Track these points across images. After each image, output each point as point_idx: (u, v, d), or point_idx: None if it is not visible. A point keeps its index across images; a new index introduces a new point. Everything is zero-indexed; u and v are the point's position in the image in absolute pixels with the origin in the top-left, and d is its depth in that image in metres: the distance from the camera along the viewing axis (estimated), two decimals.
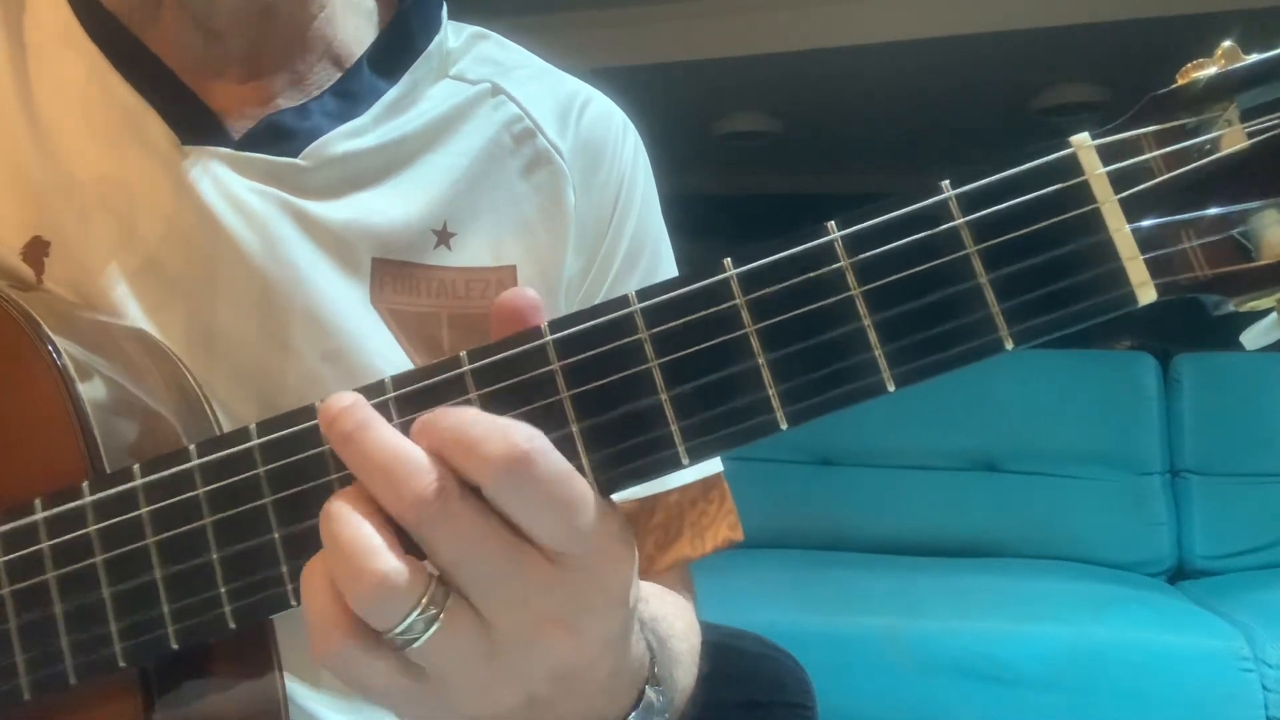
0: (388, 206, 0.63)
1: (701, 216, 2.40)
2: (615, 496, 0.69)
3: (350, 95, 0.64)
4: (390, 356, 0.61)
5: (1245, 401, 2.69)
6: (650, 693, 0.48)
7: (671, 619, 0.63)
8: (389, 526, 0.38)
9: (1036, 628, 2.06)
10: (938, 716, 2.04)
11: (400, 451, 0.38)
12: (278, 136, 0.61)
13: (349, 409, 0.39)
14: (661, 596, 0.67)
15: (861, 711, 2.03)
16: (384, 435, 0.38)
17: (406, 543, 0.38)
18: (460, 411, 0.39)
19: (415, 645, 0.38)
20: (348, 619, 0.38)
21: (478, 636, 0.39)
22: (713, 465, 0.73)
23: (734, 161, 4.31)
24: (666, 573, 0.71)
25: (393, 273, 0.62)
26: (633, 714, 0.47)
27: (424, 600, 0.38)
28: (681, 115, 3.77)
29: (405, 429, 0.39)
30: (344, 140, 0.62)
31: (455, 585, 0.39)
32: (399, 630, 0.38)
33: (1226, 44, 0.36)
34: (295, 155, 0.61)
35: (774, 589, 2.30)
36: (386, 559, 0.37)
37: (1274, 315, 0.36)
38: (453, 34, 0.70)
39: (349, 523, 0.38)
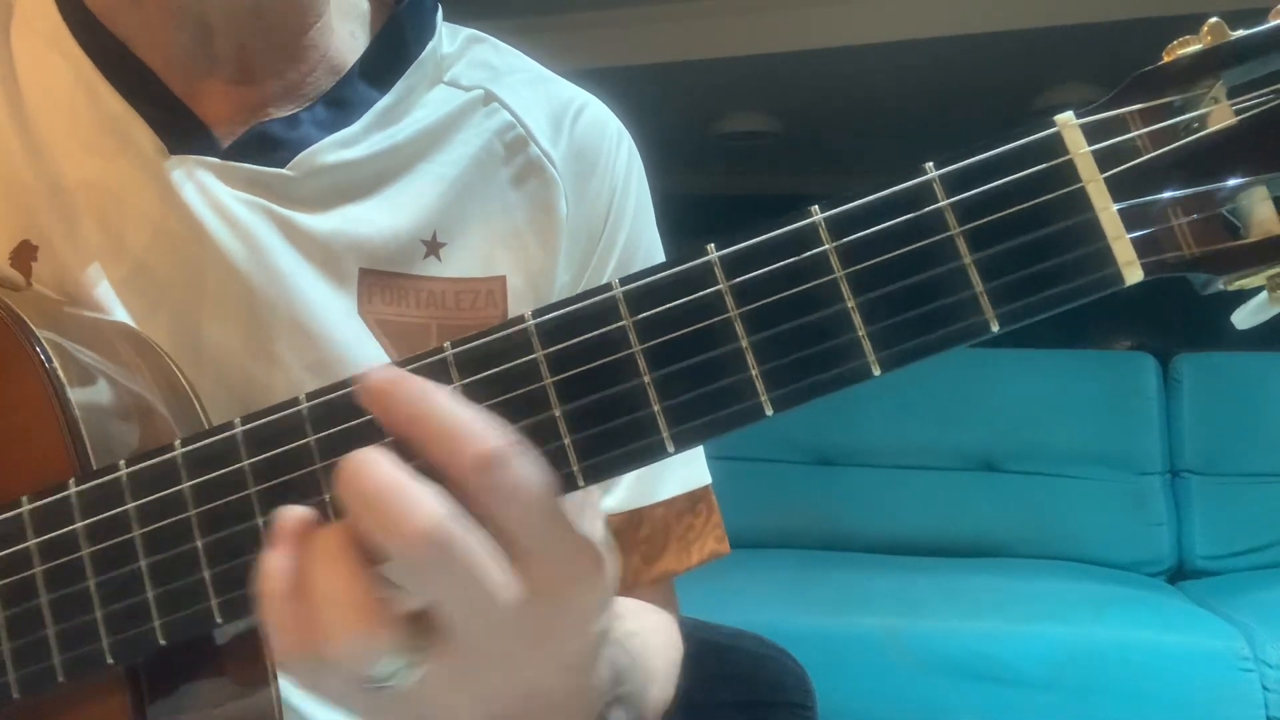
0: (376, 217, 0.62)
1: (701, 216, 2.39)
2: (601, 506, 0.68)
3: (341, 104, 0.63)
4: None
5: (1245, 401, 2.68)
6: (612, 716, 0.48)
7: (649, 634, 0.63)
8: (368, 569, 0.38)
9: (1036, 628, 2.06)
10: (938, 716, 2.03)
11: (394, 488, 0.37)
12: (265, 146, 0.61)
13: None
14: (641, 612, 0.67)
15: (861, 711, 2.03)
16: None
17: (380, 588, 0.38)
18: (434, 403, 0.38)
19: (388, 690, 0.38)
20: (307, 636, 0.38)
21: (451, 664, 0.39)
22: (700, 478, 0.73)
23: (734, 161, 4.31)
24: (651, 586, 0.70)
25: (380, 283, 0.62)
26: None
27: (398, 649, 0.38)
28: (681, 115, 3.77)
29: None
30: (333, 150, 0.62)
31: (429, 608, 0.39)
32: (372, 678, 0.38)
33: (1213, 20, 0.36)
34: (283, 165, 0.60)
35: (774, 589, 2.29)
36: (359, 615, 0.37)
37: (1264, 294, 0.36)
38: (448, 38, 0.69)
39: (327, 567, 0.37)
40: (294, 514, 0.39)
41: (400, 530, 0.36)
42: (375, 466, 0.37)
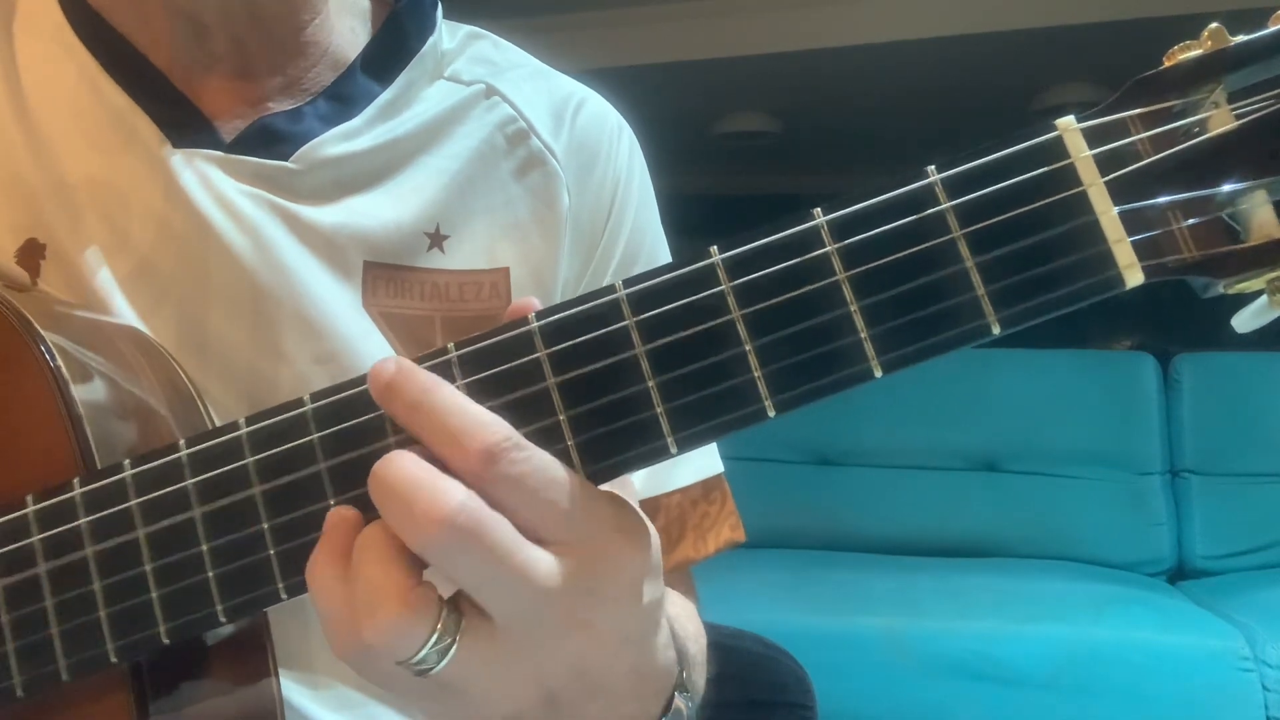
0: (380, 209, 0.63)
1: (701, 216, 2.39)
2: None
3: (343, 98, 0.64)
4: None
5: (1245, 401, 2.68)
6: (679, 700, 0.48)
7: (684, 620, 0.63)
8: (407, 559, 0.39)
9: (1036, 628, 2.06)
10: (938, 716, 2.03)
11: (416, 478, 0.38)
12: (269, 139, 0.61)
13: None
14: (670, 599, 0.67)
15: (861, 711, 2.03)
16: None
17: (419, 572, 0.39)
18: (439, 399, 0.39)
19: (431, 673, 0.39)
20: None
21: (492, 646, 0.39)
22: (713, 466, 0.73)
23: (734, 161, 4.31)
24: (670, 575, 0.70)
25: (384, 276, 0.62)
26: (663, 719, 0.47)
27: (436, 633, 0.38)
28: (681, 115, 3.76)
29: None
30: (336, 143, 0.62)
31: (466, 591, 0.39)
32: (413, 662, 0.39)
33: (1213, 26, 0.36)
34: (286, 158, 0.61)
35: (774, 589, 2.29)
36: (397, 598, 0.38)
37: (1264, 298, 0.36)
38: (448, 34, 0.70)
39: (369, 554, 0.39)
40: (343, 509, 0.41)
41: (421, 518, 0.37)
42: (398, 462, 0.38)
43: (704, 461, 0.72)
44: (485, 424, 0.39)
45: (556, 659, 0.40)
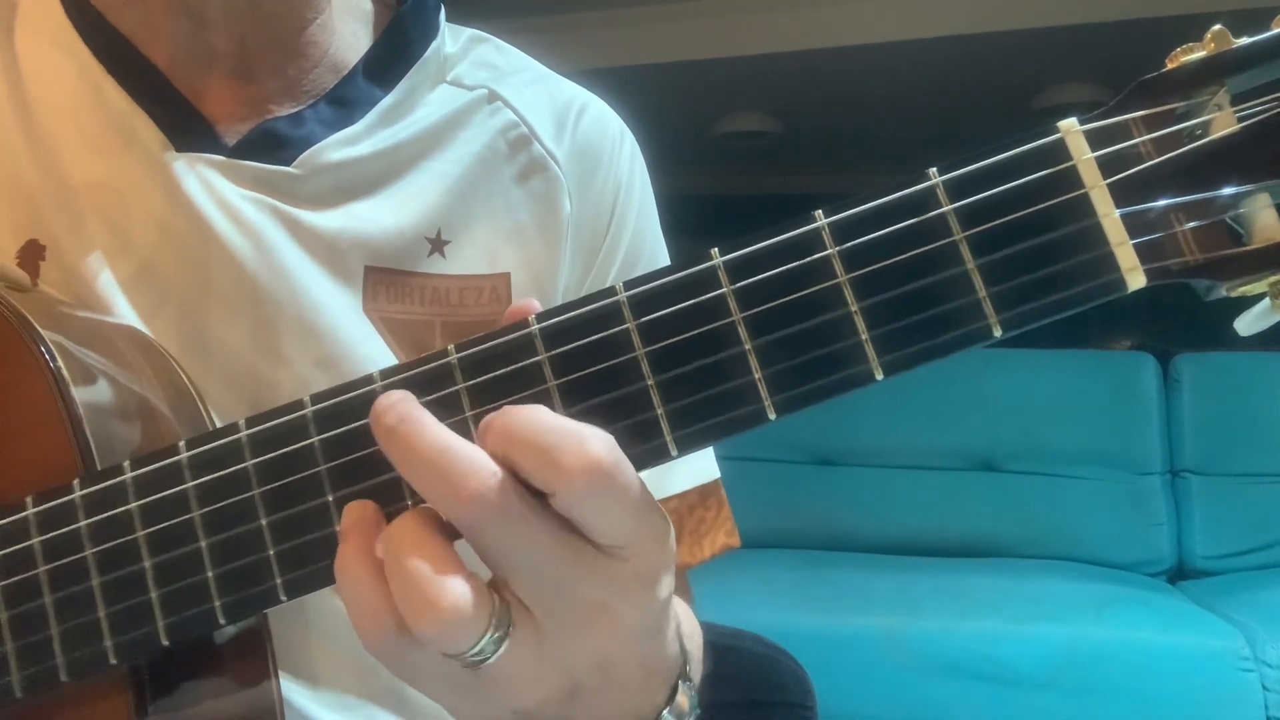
0: (381, 214, 0.63)
1: (702, 216, 2.39)
2: None
3: (345, 103, 0.64)
4: (383, 364, 0.61)
5: (1245, 401, 2.68)
6: (682, 692, 0.48)
7: (680, 618, 0.63)
8: (450, 548, 0.38)
9: (1036, 628, 2.06)
10: (938, 716, 2.04)
11: (453, 447, 0.37)
12: (271, 144, 0.61)
13: (395, 403, 0.38)
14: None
15: (861, 711, 2.03)
16: (435, 430, 0.38)
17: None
18: (528, 413, 0.38)
19: (486, 663, 0.38)
20: (398, 618, 0.38)
21: (536, 635, 0.39)
22: (710, 471, 0.73)
23: (734, 161, 4.31)
24: None
25: (385, 281, 0.62)
26: (665, 710, 0.47)
27: (493, 623, 0.38)
28: (681, 115, 3.77)
29: None
30: (338, 148, 0.62)
31: (503, 577, 0.39)
32: (471, 653, 0.38)
33: (1216, 28, 0.36)
34: (288, 163, 0.61)
35: (774, 589, 2.29)
36: (456, 590, 0.37)
37: (1267, 300, 0.36)
38: (450, 38, 0.70)
39: (415, 548, 0.37)
40: (362, 505, 0.40)
41: (471, 494, 0.36)
42: (433, 436, 0.37)
43: (701, 466, 0.73)
44: (581, 435, 0.37)
45: (584, 650, 0.40)
